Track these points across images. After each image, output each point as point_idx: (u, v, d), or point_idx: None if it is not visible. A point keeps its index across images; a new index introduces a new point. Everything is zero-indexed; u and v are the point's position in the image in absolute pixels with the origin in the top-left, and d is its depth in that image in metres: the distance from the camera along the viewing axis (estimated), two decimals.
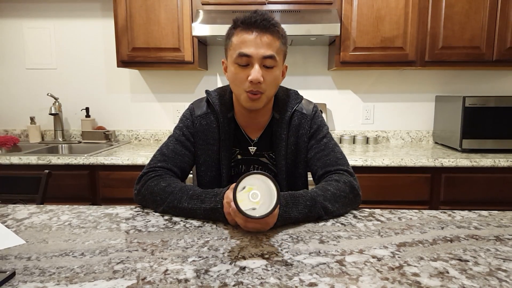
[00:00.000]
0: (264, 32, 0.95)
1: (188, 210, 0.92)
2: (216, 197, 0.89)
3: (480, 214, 0.97)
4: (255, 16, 0.96)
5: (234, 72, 0.99)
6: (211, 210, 0.89)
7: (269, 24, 0.96)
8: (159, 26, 2.10)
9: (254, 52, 0.95)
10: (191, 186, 0.97)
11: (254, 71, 0.95)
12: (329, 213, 0.92)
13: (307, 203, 0.89)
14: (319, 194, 0.93)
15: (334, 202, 0.94)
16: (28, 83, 2.53)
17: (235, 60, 0.98)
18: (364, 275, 0.64)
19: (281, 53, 1.00)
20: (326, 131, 1.13)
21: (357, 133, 2.51)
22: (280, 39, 0.99)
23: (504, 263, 0.69)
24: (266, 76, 0.97)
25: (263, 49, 0.95)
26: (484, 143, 2.04)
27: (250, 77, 0.95)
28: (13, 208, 1.03)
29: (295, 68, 2.47)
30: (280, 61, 1.00)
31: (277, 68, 0.99)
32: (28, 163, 1.91)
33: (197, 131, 1.11)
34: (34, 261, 0.69)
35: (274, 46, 0.97)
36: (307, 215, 0.88)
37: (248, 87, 0.97)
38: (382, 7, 2.05)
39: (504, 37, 2.05)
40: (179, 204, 0.93)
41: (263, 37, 0.95)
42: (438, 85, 2.46)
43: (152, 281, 0.62)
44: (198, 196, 0.92)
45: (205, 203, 0.90)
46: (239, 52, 0.96)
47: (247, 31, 0.96)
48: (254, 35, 0.95)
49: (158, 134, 2.56)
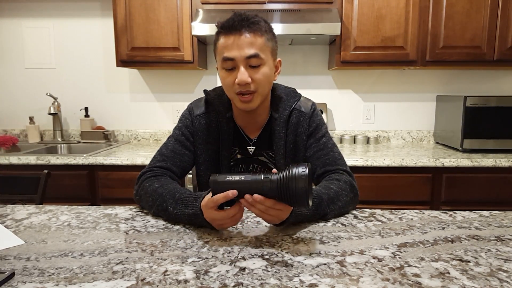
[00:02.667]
0: (243, 32, 0.94)
1: (173, 216, 0.89)
2: (196, 202, 0.85)
3: (481, 215, 0.97)
4: (233, 18, 0.95)
5: (222, 76, 1.00)
6: (193, 215, 0.85)
7: (247, 23, 0.95)
8: (159, 26, 2.09)
9: (236, 54, 0.94)
10: (180, 189, 0.94)
11: (240, 73, 0.95)
12: (331, 211, 0.92)
13: (314, 200, 0.88)
14: (324, 192, 0.93)
15: (337, 200, 0.94)
16: (27, 83, 2.52)
17: (222, 65, 0.98)
18: (364, 276, 0.63)
19: (267, 49, 0.98)
20: (325, 130, 1.13)
21: (357, 133, 2.51)
22: (263, 35, 0.97)
23: (505, 264, 0.68)
24: (254, 75, 0.96)
25: (245, 49, 0.94)
26: (485, 143, 2.03)
27: (237, 79, 0.95)
28: (12, 208, 1.03)
29: (295, 67, 2.47)
30: (267, 57, 0.98)
31: (265, 66, 0.98)
32: (27, 163, 1.90)
33: (197, 130, 1.11)
34: (33, 262, 0.69)
35: (257, 44, 0.95)
36: (314, 212, 0.88)
37: (237, 88, 0.97)
38: (383, 6, 2.05)
39: (505, 37, 2.05)
40: (166, 207, 0.90)
41: (243, 37, 0.94)
42: (439, 85, 2.46)
43: (152, 282, 0.61)
44: (182, 200, 0.89)
45: (188, 208, 0.86)
46: (223, 57, 0.96)
47: (228, 35, 0.96)
48: (234, 38, 0.95)
49: (158, 134, 2.56)
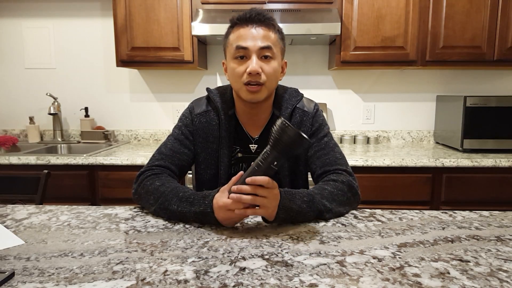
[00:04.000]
0: (259, 25, 0.99)
1: (178, 213, 0.90)
2: (205, 200, 0.86)
3: (481, 215, 0.97)
4: (250, 12, 1.00)
5: (233, 67, 1.01)
6: (201, 213, 0.86)
7: (264, 18, 0.99)
8: (159, 26, 2.09)
9: (250, 44, 0.97)
10: (183, 188, 0.95)
11: (252, 62, 0.97)
12: (328, 210, 0.91)
13: (304, 199, 0.88)
14: (316, 192, 0.93)
15: (332, 200, 0.93)
16: (27, 83, 2.52)
17: (234, 54, 1.00)
18: (364, 276, 0.63)
19: (278, 46, 1.02)
20: (327, 131, 1.13)
21: (357, 133, 2.51)
22: (276, 33, 1.01)
23: (505, 264, 0.68)
24: (265, 67, 0.99)
25: (259, 40, 0.98)
26: (485, 143, 2.03)
27: (249, 68, 0.97)
28: (12, 208, 1.03)
29: (295, 67, 2.47)
30: (278, 53, 1.02)
31: (275, 60, 1.01)
32: (27, 163, 1.90)
33: (197, 129, 1.11)
34: (33, 262, 0.69)
35: (270, 38, 0.99)
36: (306, 210, 0.88)
37: (246, 78, 0.98)
38: (383, 6, 2.05)
39: (505, 37, 2.05)
40: (169, 206, 0.91)
41: (259, 29, 0.98)
42: (439, 85, 2.46)
43: (152, 282, 0.61)
44: (187, 199, 0.90)
45: (195, 206, 0.87)
46: (237, 45, 0.98)
47: (243, 26, 0.99)
48: (249, 28, 0.98)
49: (158, 134, 2.56)
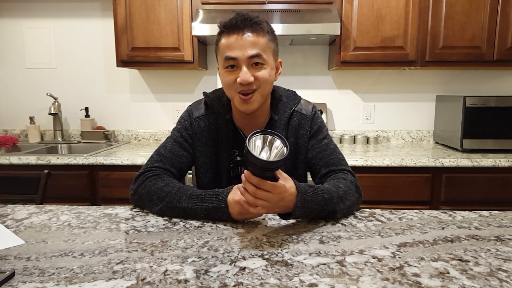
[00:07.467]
0: (246, 31, 0.96)
1: (188, 210, 0.91)
2: (218, 196, 0.90)
3: (481, 214, 0.97)
4: (236, 18, 0.96)
5: (223, 75, 1.00)
6: (213, 209, 0.89)
7: (250, 23, 0.96)
8: (159, 26, 2.09)
9: (239, 54, 0.95)
10: (189, 187, 0.97)
11: (242, 73, 0.96)
12: (341, 210, 0.91)
13: (324, 196, 0.88)
14: (334, 190, 0.92)
15: (345, 200, 0.93)
16: (27, 83, 2.52)
17: (223, 64, 0.99)
18: (364, 276, 0.64)
19: (269, 50, 0.99)
20: (326, 132, 1.13)
21: (357, 133, 2.51)
22: (266, 36, 0.98)
23: (505, 264, 0.69)
24: (256, 74, 0.97)
25: (247, 49, 0.95)
26: (485, 143, 2.03)
27: (239, 79, 0.96)
28: (12, 208, 1.03)
29: (295, 68, 2.47)
30: (269, 58, 0.99)
31: (267, 66, 0.99)
32: (27, 163, 1.90)
33: (196, 132, 1.11)
34: (34, 261, 0.69)
35: (259, 44, 0.97)
36: (323, 208, 0.87)
37: (238, 88, 0.98)
38: (383, 6, 2.05)
39: (505, 37, 2.05)
40: (178, 204, 0.92)
41: (246, 37, 0.95)
42: (439, 85, 2.46)
43: (152, 282, 0.61)
44: (197, 196, 0.92)
45: (206, 202, 0.90)
46: (225, 56, 0.97)
47: (230, 34, 0.97)
48: (236, 37, 0.96)
49: (158, 134, 2.56)
